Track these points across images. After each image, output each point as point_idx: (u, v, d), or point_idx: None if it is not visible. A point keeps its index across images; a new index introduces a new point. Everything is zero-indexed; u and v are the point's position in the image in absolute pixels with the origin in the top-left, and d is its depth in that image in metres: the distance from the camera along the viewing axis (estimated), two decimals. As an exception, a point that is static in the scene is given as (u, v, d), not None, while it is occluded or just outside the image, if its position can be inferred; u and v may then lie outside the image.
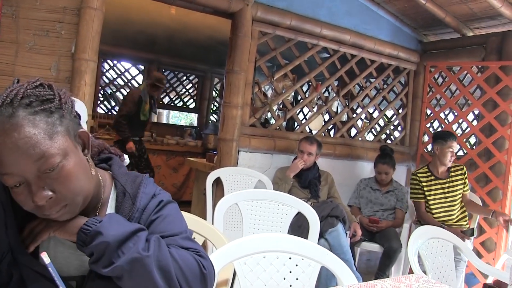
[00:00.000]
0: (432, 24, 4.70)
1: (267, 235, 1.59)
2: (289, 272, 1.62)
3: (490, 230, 4.04)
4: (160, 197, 1.11)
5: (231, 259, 1.52)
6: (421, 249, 2.25)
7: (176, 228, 1.08)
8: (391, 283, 1.30)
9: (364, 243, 3.67)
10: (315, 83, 4.38)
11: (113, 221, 0.97)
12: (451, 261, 2.43)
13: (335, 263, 1.57)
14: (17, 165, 0.88)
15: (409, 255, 2.10)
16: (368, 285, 1.26)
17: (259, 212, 2.31)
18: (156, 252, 0.95)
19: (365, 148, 4.57)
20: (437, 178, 3.65)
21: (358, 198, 3.97)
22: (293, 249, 1.57)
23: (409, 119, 4.99)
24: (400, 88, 5.03)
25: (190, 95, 8.61)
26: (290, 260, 1.61)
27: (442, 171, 3.66)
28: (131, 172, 1.15)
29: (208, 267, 1.04)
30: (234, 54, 3.75)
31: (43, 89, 0.94)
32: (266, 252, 1.58)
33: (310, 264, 1.62)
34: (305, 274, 1.62)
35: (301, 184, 3.62)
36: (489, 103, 4.24)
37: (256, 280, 1.60)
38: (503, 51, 4.21)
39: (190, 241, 1.08)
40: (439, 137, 3.67)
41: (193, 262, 1.01)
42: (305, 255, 1.58)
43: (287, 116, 4.18)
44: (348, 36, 4.34)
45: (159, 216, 1.08)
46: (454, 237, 2.44)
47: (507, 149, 4.04)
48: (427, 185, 3.66)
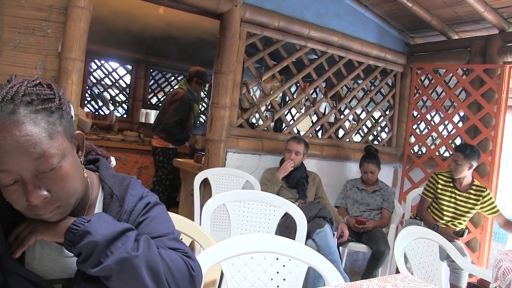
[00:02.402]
0: (419, 27, 4.75)
1: (254, 236, 1.59)
2: (277, 273, 1.62)
3: (474, 230, 4.10)
4: (148, 199, 1.11)
5: (218, 259, 1.52)
6: (407, 249, 2.28)
7: (164, 229, 1.08)
8: (378, 283, 1.31)
9: (351, 244, 3.69)
10: (303, 84, 4.40)
11: (102, 221, 0.96)
12: (436, 261, 2.46)
13: (322, 264, 1.58)
14: (16, 162, 0.87)
15: (395, 255, 2.12)
16: (355, 285, 1.27)
17: (246, 213, 2.31)
18: (146, 252, 0.95)
19: (353, 149, 4.60)
20: (456, 188, 3.57)
21: (344, 199, 4.00)
22: (280, 249, 1.57)
23: (396, 121, 5.04)
24: (387, 89, 5.08)
25: (179, 95, 8.57)
26: (277, 261, 1.62)
27: (465, 184, 3.55)
28: (118, 174, 1.15)
29: (196, 269, 1.04)
30: (222, 55, 3.75)
31: (43, 88, 0.94)
32: (254, 253, 1.59)
33: (297, 265, 1.63)
34: (292, 275, 1.62)
35: (289, 184, 3.64)
36: (474, 105, 4.31)
37: (243, 281, 1.61)
38: (487, 54, 4.28)
39: (178, 242, 1.08)
40: (477, 154, 3.50)
41: (182, 263, 1.01)
42: (292, 256, 1.59)
43: (275, 117, 4.19)
44: (336, 38, 4.36)
45: (147, 218, 1.08)
46: (439, 237, 2.47)
47: (491, 150, 4.10)
48: (442, 190, 3.61)
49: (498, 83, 4.13)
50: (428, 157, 4.50)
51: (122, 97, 7.76)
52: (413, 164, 4.61)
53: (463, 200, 3.54)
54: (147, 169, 6.13)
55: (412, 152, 4.86)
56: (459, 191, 3.56)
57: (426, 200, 3.68)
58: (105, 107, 7.38)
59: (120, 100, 7.76)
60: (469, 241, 4.14)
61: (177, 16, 4.82)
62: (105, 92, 7.57)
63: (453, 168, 3.52)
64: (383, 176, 4.56)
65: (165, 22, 5.63)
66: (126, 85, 7.74)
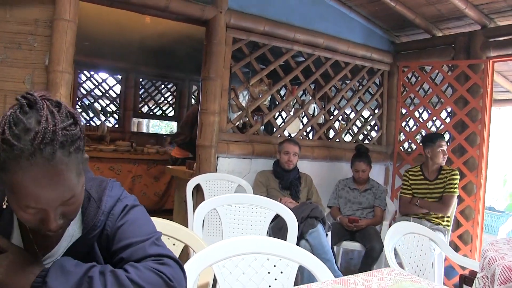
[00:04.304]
0: (403, 25, 4.81)
1: (243, 238, 1.62)
2: (268, 273, 1.65)
3: (466, 223, 4.15)
4: (125, 201, 1.12)
5: (209, 263, 1.54)
6: (398, 244, 2.31)
7: (144, 232, 1.09)
8: (364, 277, 1.34)
9: (345, 242, 3.73)
10: (291, 87, 4.44)
11: (58, 275, 0.95)
12: (427, 255, 2.50)
13: (313, 262, 1.61)
14: (47, 201, 0.90)
15: (385, 251, 2.16)
16: (341, 281, 1.30)
17: (238, 216, 2.34)
18: (115, 286, 0.94)
19: (343, 149, 4.64)
20: (426, 178, 3.78)
21: (337, 199, 4.04)
22: (270, 250, 1.60)
23: (385, 119, 5.09)
24: (375, 88, 5.14)
25: (169, 103, 8.61)
26: (268, 261, 1.64)
27: (433, 171, 3.77)
28: (97, 176, 1.15)
29: (174, 275, 1.03)
30: (209, 61, 3.79)
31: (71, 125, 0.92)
32: (244, 255, 1.61)
33: (288, 264, 1.65)
34: (283, 275, 1.65)
35: (282, 186, 3.69)
36: (460, 101, 4.37)
37: (235, 282, 1.63)
38: (471, 50, 4.34)
39: (157, 246, 1.08)
40: (427, 140, 3.81)
41: (156, 279, 0.99)
42: (282, 256, 1.62)
43: (264, 120, 4.23)
44: (321, 40, 4.41)
45: (126, 222, 1.08)
46: (429, 231, 2.51)
47: (478, 144, 4.16)
48: (415, 183, 3.81)
49: (483, 77, 4.20)
50: (417, 153, 4.55)
51: (113, 107, 7.78)
52: (403, 161, 4.66)
53: (435, 187, 3.73)
54: (140, 178, 6.16)
55: (402, 149, 4.91)
56: (429, 180, 3.77)
57: (405, 197, 3.82)
58: (96, 118, 7.39)
59: (111, 110, 7.77)
60: (461, 234, 4.19)
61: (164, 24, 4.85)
62: (95, 103, 7.58)
63: (445, 157, 3.73)
64: (375, 174, 4.60)
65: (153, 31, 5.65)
66: (117, 95, 7.76)
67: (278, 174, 3.71)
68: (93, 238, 1.08)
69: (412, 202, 3.75)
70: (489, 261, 1.87)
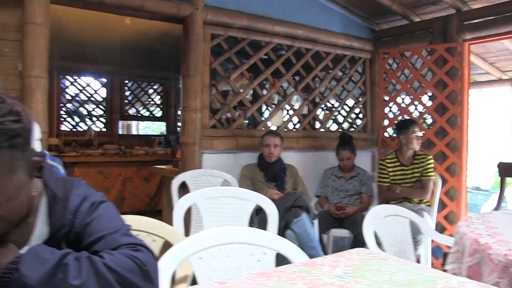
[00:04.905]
0: (382, 12, 4.84)
1: (218, 229, 1.64)
2: (245, 262, 1.67)
3: (450, 203, 4.20)
4: (92, 199, 1.12)
5: (185, 255, 1.56)
6: (378, 227, 2.35)
7: (113, 226, 1.09)
8: (333, 258, 1.37)
9: (333, 230, 3.77)
10: (272, 80, 4.46)
11: (32, 262, 0.93)
12: (408, 236, 2.53)
13: (289, 248, 1.64)
14: None
15: (364, 234, 2.20)
16: (309, 263, 1.33)
17: (218, 210, 2.37)
18: (91, 272, 0.94)
19: (329, 139, 4.67)
20: (402, 165, 3.86)
21: (324, 188, 4.07)
22: (246, 239, 1.62)
23: (369, 106, 5.13)
24: (359, 77, 5.17)
25: (156, 104, 8.61)
26: (245, 250, 1.67)
27: (408, 157, 3.85)
28: (63, 177, 1.17)
29: (148, 260, 1.03)
30: (189, 58, 3.80)
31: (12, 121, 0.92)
32: (220, 245, 1.63)
33: (265, 253, 1.68)
34: (260, 263, 1.67)
35: (268, 178, 3.71)
36: (440, 84, 4.40)
37: (213, 273, 1.66)
38: (447, 33, 4.38)
39: (129, 236, 1.09)
40: (401, 127, 3.89)
41: (130, 263, 1.00)
42: (257, 244, 1.64)
43: (247, 114, 4.25)
44: (300, 31, 4.43)
45: (95, 218, 1.09)
46: (410, 213, 2.55)
47: (459, 126, 4.21)
48: (393, 170, 3.87)
49: (460, 60, 4.24)
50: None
51: (100, 111, 7.76)
52: (388, 147, 4.70)
53: (412, 172, 3.82)
54: (130, 180, 6.16)
55: (385, 135, 4.95)
56: (405, 165, 3.85)
57: (384, 186, 3.88)
58: (82, 123, 7.38)
59: (98, 114, 7.76)
60: (447, 215, 4.24)
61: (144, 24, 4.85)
62: (81, 107, 7.56)
63: (419, 142, 3.80)
64: (362, 161, 4.63)
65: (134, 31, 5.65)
66: (103, 99, 7.74)
67: (262, 166, 3.74)
68: (61, 237, 1.08)
69: (391, 189, 3.81)
70: (461, 236, 1.91)
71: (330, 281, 1.16)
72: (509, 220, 2.21)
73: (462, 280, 1.18)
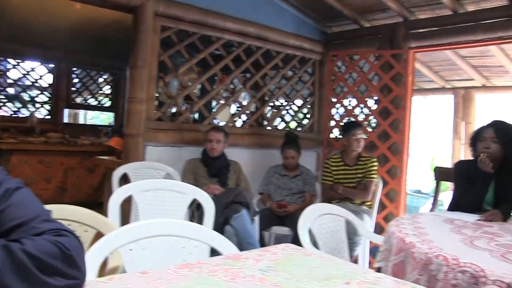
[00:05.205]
0: (334, 16, 4.93)
1: (149, 221, 1.62)
2: (177, 255, 1.67)
3: (390, 205, 4.35)
4: (6, 185, 1.06)
5: (115, 246, 1.54)
6: (313, 226, 2.40)
7: (31, 213, 1.04)
8: (258, 252, 1.39)
9: (274, 228, 3.81)
10: (221, 75, 4.46)
11: None
12: (343, 235, 2.60)
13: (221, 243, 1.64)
14: None
15: (299, 232, 2.23)
16: (234, 256, 1.34)
17: (155, 202, 2.34)
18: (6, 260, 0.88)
19: (275, 137, 4.71)
20: (346, 165, 3.96)
21: (267, 185, 4.11)
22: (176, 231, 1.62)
23: (316, 107, 5.22)
24: (308, 77, 5.25)
25: (105, 94, 8.39)
26: (177, 243, 1.66)
27: (352, 158, 3.95)
28: None
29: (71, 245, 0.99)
30: (137, 49, 3.73)
31: None
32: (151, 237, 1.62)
33: (197, 246, 1.68)
34: (192, 256, 1.67)
35: (210, 173, 3.71)
36: (385, 89, 4.55)
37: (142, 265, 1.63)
38: (394, 40, 4.53)
39: (49, 222, 1.04)
40: (344, 130, 4.04)
41: (52, 248, 0.95)
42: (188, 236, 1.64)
43: (194, 109, 4.23)
44: (252, 29, 4.44)
45: (10, 205, 1.03)
46: (348, 213, 2.62)
47: (401, 130, 4.36)
48: (336, 170, 3.97)
49: (405, 67, 4.39)
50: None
51: (44, 97, 7.47)
52: (332, 148, 4.80)
53: (356, 172, 3.93)
54: (73, 170, 5.98)
55: (333, 136, 5.05)
56: (349, 166, 3.95)
57: (326, 184, 3.99)
58: (24, 109, 7.08)
59: (42, 101, 7.46)
60: (386, 216, 4.38)
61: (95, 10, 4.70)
62: (23, 92, 7.25)
63: (359, 144, 3.89)
64: (307, 161, 4.70)
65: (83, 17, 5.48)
66: (48, 85, 7.46)
67: (206, 162, 3.73)
68: None
69: (334, 189, 3.90)
70: (389, 235, 1.98)
71: (251, 274, 1.18)
72: (437, 221, 2.31)
73: (379, 275, 1.22)
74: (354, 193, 3.87)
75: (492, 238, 1.93)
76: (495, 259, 1.59)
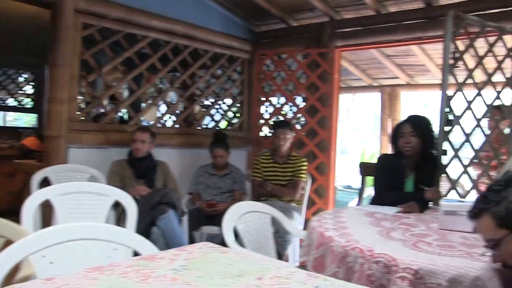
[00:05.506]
0: (262, 15, 4.98)
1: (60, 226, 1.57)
2: (95, 259, 1.60)
3: (319, 201, 4.46)
4: None
5: (22, 254, 1.45)
6: (238, 224, 2.40)
7: None
8: (175, 252, 1.36)
9: (205, 227, 3.77)
10: (148, 75, 4.36)
11: None
12: (269, 232, 2.63)
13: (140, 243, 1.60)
14: None
15: (223, 231, 2.22)
16: (149, 257, 1.31)
17: (74, 205, 2.25)
18: None
19: (205, 136, 4.66)
20: (276, 162, 4.00)
21: (196, 185, 4.07)
22: (90, 234, 1.56)
23: (246, 106, 5.23)
24: (237, 76, 5.26)
25: (27, 94, 7.95)
26: (95, 247, 1.60)
27: (282, 156, 3.99)
28: None
29: None
30: (57, 47, 3.56)
31: None
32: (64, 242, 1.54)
33: (116, 248, 1.63)
34: (111, 259, 1.61)
35: (137, 174, 3.61)
36: (312, 87, 4.65)
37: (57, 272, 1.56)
38: (321, 39, 4.65)
39: None
40: (272, 129, 4.11)
41: None
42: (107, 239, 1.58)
43: (119, 109, 4.10)
44: (179, 27, 4.38)
45: None
46: (271, 209, 2.64)
47: (329, 127, 4.48)
48: (266, 167, 4.00)
49: (331, 65, 4.52)
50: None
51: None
52: (261, 146, 4.85)
53: (285, 171, 3.97)
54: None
55: (262, 134, 5.10)
56: (279, 164, 3.99)
57: (256, 181, 4.03)
58: None
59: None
60: (315, 212, 4.48)
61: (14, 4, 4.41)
62: None
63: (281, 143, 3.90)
64: (237, 159, 4.70)
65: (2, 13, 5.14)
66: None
67: (132, 162, 3.63)
68: None
69: (263, 186, 3.93)
70: (311, 231, 2.02)
71: (163, 274, 1.16)
72: (358, 215, 2.38)
73: (292, 270, 1.23)
74: (282, 191, 3.92)
75: (408, 228, 2.02)
76: (407, 248, 1.66)
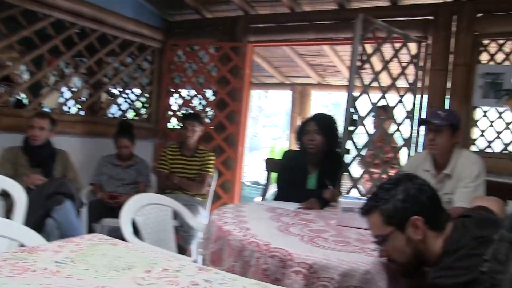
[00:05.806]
0: (176, 4, 4.84)
1: None
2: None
3: (225, 195, 4.47)
4: None
5: None
6: (137, 216, 2.32)
7: None
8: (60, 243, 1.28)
9: (106, 220, 3.61)
10: (49, 57, 4.07)
11: None
12: (169, 225, 2.58)
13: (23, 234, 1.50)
14: None
15: (121, 224, 2.14)
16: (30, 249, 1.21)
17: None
18: None
19: (110, 125, 4.46)
20: (183, 155, 3.95)
21: (99, 175, 3.90)
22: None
23: (155, 96, 5.09)
24: (147, 65, 5.09)
25: None
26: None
27: (190, 149, 3.95)
28: None
29: None
30: None
31: None
32: None
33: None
34: None
35: (33, 163, 3.37)
36: (223, 81, 4.63)
37: None
38: (234, 33, 4.64)
39: None
40: (181, 120, 4.09)
41: None
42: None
43: (15, 91, 3.80)
44: (86, 9, 4.14)
45: None
46: (173, 202, 2.59)
47: (237, 122, 4.50)
48: (172, 159, 3.95)
49: (243, 60, 4.53)
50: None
51: None
52: (168, 138, 4.75)
53: (192, 164, 3.96)
54: None
55: (171, 126, 4.99)
56: (186, 157, 3.97)
57: (161, 172, 3.97)
58: None
59: None
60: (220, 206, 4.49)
61: None
62: None
63: (189, 135, 3.87)
64: (143, 151, 4.56)
65: None
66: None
67: (27, 150, 3.37)
68: None
69: (170, 178, 3.87)
70: (210, 224, 2.01)
71: (44, 267, 1.08)
72: (259, 210, 2.39)
73: (183, 263, 1.21)
74: (189, 185, 3.88)
75: (307, 224, 2.06)
76: (303, 243, 1.69)
